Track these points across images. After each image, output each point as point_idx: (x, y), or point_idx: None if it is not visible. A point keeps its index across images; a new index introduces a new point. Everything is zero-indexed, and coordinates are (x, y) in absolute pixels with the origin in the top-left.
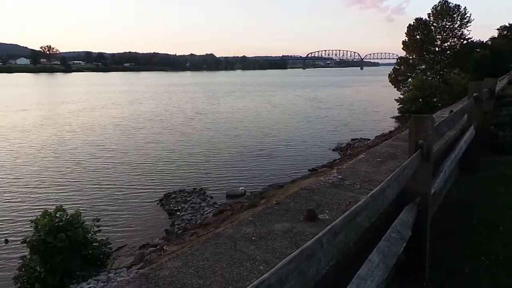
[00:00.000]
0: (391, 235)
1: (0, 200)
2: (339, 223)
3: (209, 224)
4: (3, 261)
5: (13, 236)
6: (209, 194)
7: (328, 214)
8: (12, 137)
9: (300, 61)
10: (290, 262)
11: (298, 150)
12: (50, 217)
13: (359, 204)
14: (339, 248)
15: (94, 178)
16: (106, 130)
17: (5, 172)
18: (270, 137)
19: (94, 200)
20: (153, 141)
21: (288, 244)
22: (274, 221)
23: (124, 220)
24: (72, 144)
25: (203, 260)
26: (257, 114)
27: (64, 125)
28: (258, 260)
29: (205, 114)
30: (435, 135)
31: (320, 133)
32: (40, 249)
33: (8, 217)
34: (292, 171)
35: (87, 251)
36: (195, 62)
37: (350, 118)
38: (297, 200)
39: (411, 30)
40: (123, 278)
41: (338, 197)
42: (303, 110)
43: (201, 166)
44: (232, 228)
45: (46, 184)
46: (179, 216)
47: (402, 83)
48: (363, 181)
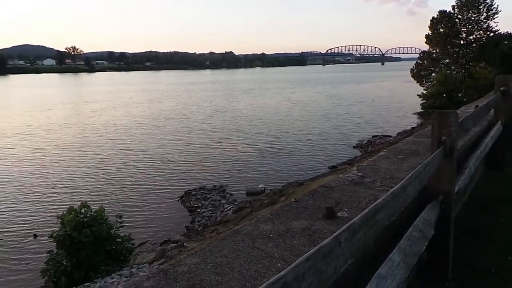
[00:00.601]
0: (413, 233)
1: (29, 196)
2: (358, 221)
3: (229, 221)
4: (31, 255)
5: (41, 231)
6: (229, 192)
7: (347, 212)
8: (39, 136)
9: (320, 57)
10: (307, 260)
11: (318, 148)
12: (75, 213)
13: (379, 202)
14: (358, 247)
15: (117, 175)
16: (128, 128)
17: (32, 170)
18: (289, 135)
19: (117, 197)
20: (173, 139)
21: (306, 242)
22: (292, 218)
23: (146, 216)
24: (95, 142)
25: (221, 257)
26: (277, 112)
27: (87, 124)
28: (276, 258)
29: (224, 112)
30: (459, 131)
31: (340, 130)
32: (66, 244)
33: (36, 213)
34: (311, 169)
35: (111, 247)
36: (215, 60)
37: (371, 115)
38: (316, 198)
39: (435, 23)
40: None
41: (357, 195)
42: (323, 107)
43: (221, 164)
44: (250, 225)
45: (71, 181)
46: (199, 213)
47: (425, 78)
48: (384, 178)
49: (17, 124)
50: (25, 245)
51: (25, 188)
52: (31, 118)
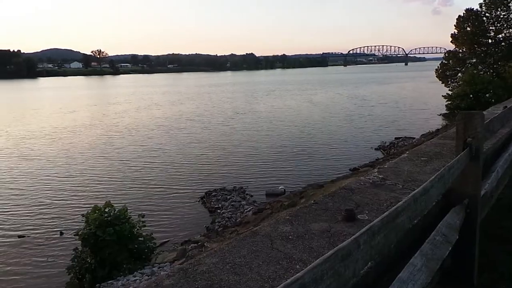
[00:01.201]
0: (436, 238)
1: (55, 195)
2: (377, 224)
3: (249, 222)
4: (58, 252)
5: (67, 229)
6: (249, 193)
7: (368, 214)
8: (65, 137)
9: (341, 58)
10: (325, 262)
11: (339, 149)
12: (99, 212)
13: (400, 205)
14: (378, 250)
15: (139, 176)
16: (150, 130)
17: (59, 170)
18: (310, 136)
19: (139, 197)
20: (194, 140)
21: (325, 244)
22: (312, 220)
23: (167, 216)
24: (118, 144)
25: (239, 257)
26: (297, 113)
27: (111, 125)
28: (295, 259)
29: (244, 113)
30: (485, 133)
31: (362, 132)
32: (91, 242)
33: (63, 211)
34: (332, 171)
35: (133, 245)
36: (236, 62)
37: (394, 116)
38: (336, 200)
39: (461, 22)
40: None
41: (378, 197)
42: (344, 109)
43: (241, 165)
44: (269, 227)
45: (96, 181)
46: (220, 213)
47: (451, 78)
48: (406, 181)
49: (44, 126)
50: (52, 242)
51: (52, 187)
52: (58, 120)
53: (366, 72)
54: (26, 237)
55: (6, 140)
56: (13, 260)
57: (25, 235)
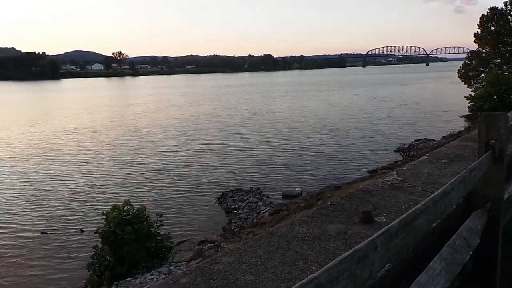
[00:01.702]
0: (456, 242)
1: (76, 193)
2: (395, 226)
3: (265, 223)
4: (79, 249)
5: (87, 226)
6: (266, 194)
7: (386, 217)
8: (85, 137)
9: (360, 58)
10: (340, 263)
11: (357, 151)
12: (119, 211)
13: (418, 207)
14: (395, 252)
15: (157, 176)
16: (168, 130)
17: (80, 169)
18: (328, 138)
19: (157, 196)
20: (211, 141)
21: (342, 245)
22: (328, 222)
23: (185, 216)
24: (137, 144)
25: (255, 257)
26: (315, 114)
27: (130, 126)
28: (311, 260)
29: (261, 115)
30: (509, 135)
31: (381, 134)
32: (110, 240)
33: (83, 210)
34: (350, 173)
35: (151, 244)
36: (253, 63)
37: (415, 118)
38: (353, 201)
39: (485, 21)
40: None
41: (397, 200)
42: (363, 110)
43: (258, 166)
44: (285, 227)
45: (115, 181)
46: (236, 214)
47: (474, 79)
48: (425, 183)
49: (65, 126)
50: (73, 239)
51: (73, 186)
52: (78, 120)
53: (386, 73)
54: (48, 233)
55: (29, 140)
56: (36, 255)
57: (48, 231)
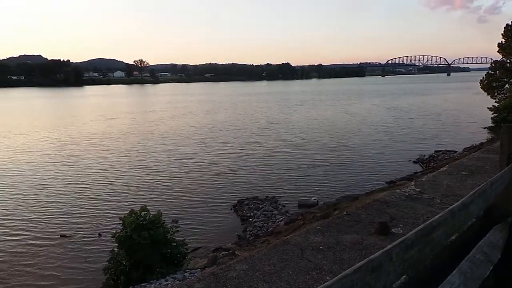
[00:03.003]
0: (476, 256)
1: (95, 198)
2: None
3: (281, 232)
4: (96, 252)
5: (105, 230)
6: (281, 203)
7: (403, 228)
8: (102, 144)
9: (379, 68)
10: (355, 272)
11: (375, 162)
12: (135, 216)
13: (436, 219)
14: (411, 264)
15: (174, 182)
16: (185, 138)
17: (98, 175)
18: (346, 148)
19: (173, 203)
20: (228, 149)
21: (357, 256)
22: (343, 232)
23: (200, 223)
24: (154, 151)
25: (269, 265)
26: (333, 124)
27: (147, 133)
28: (325, 270)
29: (278, 123)
30: None
31: (400, 144)
32: (127, 244)
33: (101, 214)
34: (368, 183)
35: (166, 250)
36: (271, 71)
37: (436, 129)
38: (369, 212)
39: (509, 31)
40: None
41: (414, 211)
42: (382, 120)
43: (274, 175)
44: (299, 236)
45: (132, 186)
46: (251, 222)
47: (497, 90)
48: (444, 195)
49: (84, 132)
50: (91, 242)
51: (91, 190)
52: (98, 127)
53: (406, 83)
54: (68, 236)
55: (50, 145)
56: (55, 257)
57: (67, 234)
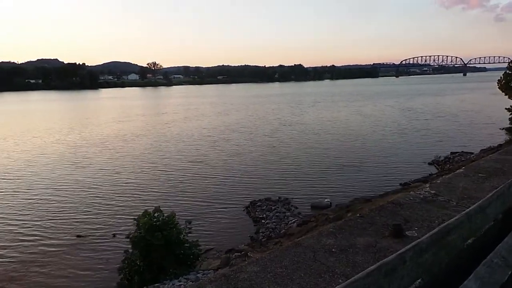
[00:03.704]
0: (493, 260)
1: (109, 200)
2: (426, 240)
3: (293, 234)
4: (111, 252)
5: (119, 231)
6: (294, 204)
7: (417, 231)
8: (116, 146)
9: (393, 68)
10: (367, 276)
11: (389, 164)
12: (149, 217)
13: (451, 222)
14: (426, 268)
15: (187, 184)
16: (197, 140)
17: (112, 176)
18: (359, 150)
19: (186, 204)
20: (240, 151)
21: (370, 259)
22: (356, 234)
23: (213, 224)
24: (166, 153)
25: (281, 267)
26: (346, 126)
27: (159, 135)
28: (337, 273)
29: (290, 125)
30: None
31: (415, 146)
32: (140, 245)
33: (116, 215)
34: (382, 185)
35: (180, 251)
36: (284, 73)
37: (451, 130)
38: (383, 214)
39: None
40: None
41: (429, 214)
42: (396, 121)
43: (287, 176)
44: (312, 238)
45: (146, 188)
46: (264, 224)
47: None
48: (461, 198)
49: (98, 134)
50: (105, 243)
51: (106, 192)
52: (112, 129)
53: (420, 83)
54: (83, 237)
55: (65, 148)
56: (71, 257)
57: (82, 235)
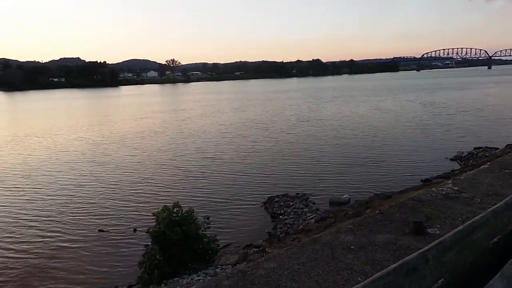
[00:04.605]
0: None
1: (130, 196)
2: (449, 239)
3: (311, 230)
4: (132, 246)
5: (139, 226)
6: (312, 200)
7: (440, 229)
8: (134, 143)
9: (414, 62)
10: (388, 275)
11: (409, 159)
12: (168, 212)
13: (477, 219)
14: (449, 267)
15: (205, 179)
16: (213, 136)
17: (132, 173)
18: (378, 145)
19: (205, 200)
20: (258, 147)
21: (390, 257)
22: (376, 231)
23: (231, 219)
24: (185, 149)
25: (298, 264)
26: (364, 121)
27: (176, 132)
28: (356, 271)
29: (308, 121)
30: None
31: (436, 141)
32: (160, 240)
33: (136, 210)
34: (402, 181)
35: (198, 246)
36: (301, 68)
37: (475, 125)
38: (403, 211)
39: None
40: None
41: (452, 211)
42: (417, 116)
43: (304, 172)
44: (330, 235)
45: (165, 184)
46: (282, 220)
47: None
48: (486, 194)
49: (117, 131)
50: (126, 237)
51: (126, 188)
52: (130, 126)
53: (443, 77)
54: (105, 231)
55: (85, 145)
56: (93, 250)
57: (104, 229)
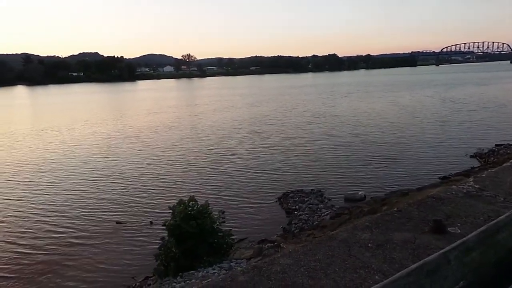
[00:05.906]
0: None
1: (147, 189)
2: (472, 239)
3: (326, 226)
4: (148, 239)
5: (156, 219)
6: (327, 196)
7: (461, 228)
8: (150, 137)
9: (433, 57)
10: (408, 275)
11: (427, 156)
12: (184, 206)
13: (501, 219)
14: (472, 268)
15: (219, 174)
16: (227, 131)
17: (147, 166)
18: (395, 141)
19: (220, 194)
20: (272, 142)
21: (408, 255)
22: (394, 229)
23: (246, 214)
24: (199, 144)
25: (314, 261)
26: (381, 117)
27: (191, 127)
28: (374, 269)
29: (324, 116)
30: None
31: (455, 138)
32: (176, 233)
33: (153, 203)
34: (419, 178)
35: (213, 240)
36: (317, 63)
37: (496, 122)
38: (422, 209)
39: None
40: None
41: (474, 210)
42: (435, 113)
43: (320, 168)
44: (346, 232)
45: (181, 178)
46: (296, 215)
47: None
48: (509, 193)
49: (133, 126)
50: (143, 229)
51: (143, 182)
52: (145, 120)
53: (463, 72)
54: (122, 223)
55: (102, 139)
56: (111, 242)
57: (121, 221)
